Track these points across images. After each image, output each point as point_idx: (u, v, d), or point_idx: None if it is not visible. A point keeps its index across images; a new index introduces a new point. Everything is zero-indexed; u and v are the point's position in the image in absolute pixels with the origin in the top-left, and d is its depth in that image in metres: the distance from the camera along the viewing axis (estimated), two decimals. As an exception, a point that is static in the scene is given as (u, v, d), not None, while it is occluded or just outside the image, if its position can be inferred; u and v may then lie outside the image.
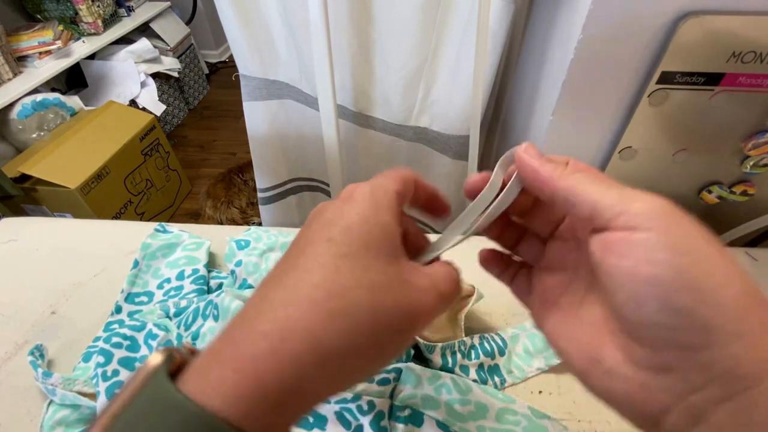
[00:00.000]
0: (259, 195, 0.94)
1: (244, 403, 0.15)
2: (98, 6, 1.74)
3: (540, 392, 0.39)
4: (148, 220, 1.55)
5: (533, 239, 0.23)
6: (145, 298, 0.45)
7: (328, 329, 0.16)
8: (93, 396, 0.35)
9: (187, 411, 0.14)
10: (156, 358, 0.16)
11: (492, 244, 0.25)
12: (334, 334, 0.16)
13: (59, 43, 1.59)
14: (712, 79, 0.41)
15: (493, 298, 0.45)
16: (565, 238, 0.22)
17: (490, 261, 0.25)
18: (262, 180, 0.91)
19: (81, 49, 1.67)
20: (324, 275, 0.17)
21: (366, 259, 0.17)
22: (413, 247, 0.24)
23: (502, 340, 0.42)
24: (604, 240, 0.16)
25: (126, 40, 1.85)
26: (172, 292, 0.45)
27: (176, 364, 0.16)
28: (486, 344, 0.41)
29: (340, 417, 0.32)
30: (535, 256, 0.23)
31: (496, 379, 0.39)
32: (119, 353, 0.36)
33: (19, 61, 1.53)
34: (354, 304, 0.16)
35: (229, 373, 0.15)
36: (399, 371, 0.34)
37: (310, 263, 0.17)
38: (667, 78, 0.42)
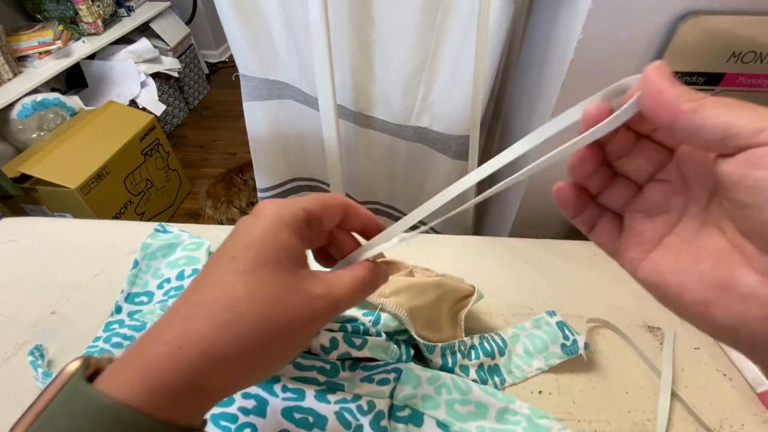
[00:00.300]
0: (259, 195, 0.94)
1: (149, 396, 0.18)
2: (98, 6, 1.74)
3: (540, 392, 0.39)
4: (148, 220, 1.55)
5: (625, 184, 0.22)
6: (145, 298, 0.45)
7: (219, 337, 0.19)
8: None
9: (100, 403, 0.17)
10: (74, 365, 0.19)
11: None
12: (224, 341, 0.19)
13: (59, 43, 1.59)
14: (712, 79, 0.41)
15: (493, 298, 0.45)
16: (668, 180, 0.20)
17: (567, 199, 0.23)
18: (262, 180, 0.91)
19: (81, 49, 1.67)
20: (221, 291, 0.20)
21: (262, 273, 0.20)
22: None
23: (502, 340, 0.42)
24: (746, 158, 0.16)
25: (126, 40, 1.85)
26: (172, 292, 0.45)
27: (92, 369, 0.19)
28: (486, 344, 0.41)
29: (339, 417, 0.32)
30: (626, 201, 0.22)
31: (496, 379, 0.39)
32: (119, 353, 0.36)
33: (19, 61, 1.53)
34: (244, 315, 0.19)
35: (135, 373, 0.18)
36: (399, 371, 0.34)
37: (211, 281, 0.21)
38: (667, 78, 0.42)
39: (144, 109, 1.79)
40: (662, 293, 0.19)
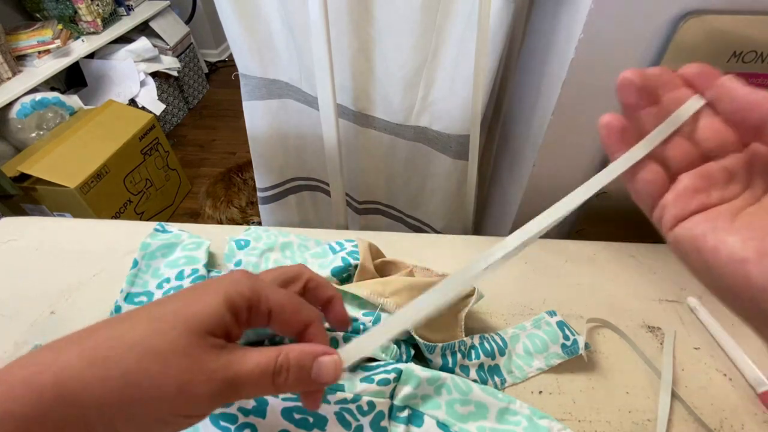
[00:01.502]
0: (259, 194, 0.94)
1: (12, 405, 0.17)
2: (97, 5, 1.73)
3: (540, 392, 0.39)
4: (148, 219, 1.55)
5: (684, 143, 0.21)
6: (144, 298, 0.45)
7: (82, 374, 0.18)
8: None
9: None
10: None
11: None
12: (87, 379, 0.18)
13: (58, 42, 1.59)
14: (713, 79, 0.41)
15: (493, 298, 0.45)
16: (731, 167, 0.20)
17: (613, 136, 0.22)
18: (261, 179, 0.91)
19: (80, 48, 1.66)
20: (115, 330, 0.20)
21: (168, 328, 0.20)
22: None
23: (502, 340, 0.42)
24: None
25: (125, 39, 1.85)
26: (172, 292, 0.45)
27: None
28: (486, 344, 0.41)
29: (339, 417, 0.32)
30: (683, 159, 0.21)
31: (497, 379, 0.39)
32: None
33: (19, 60, 1.53)
34: (114, 359, 0.18)
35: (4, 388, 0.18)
36: (399, 371, 0.34)
37: (123, 317, 0.21)
38: (667, 78, 0.42)
39: (143, 108, 1.79)
40: (695, 249, 0.19)
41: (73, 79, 1.87)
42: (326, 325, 0.27)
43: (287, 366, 0.21)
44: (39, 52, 1.54)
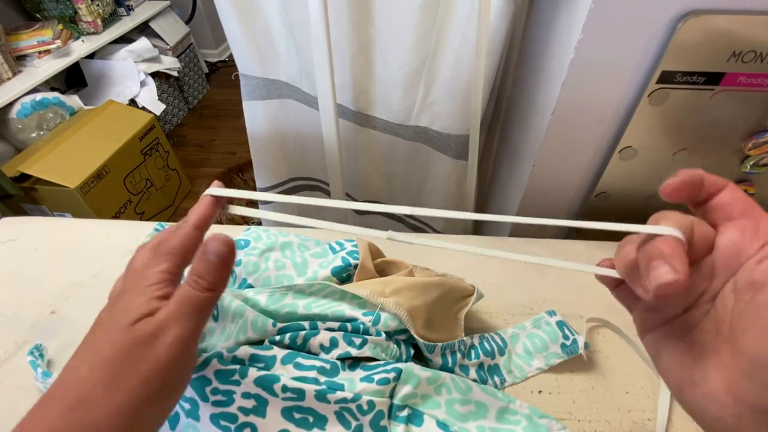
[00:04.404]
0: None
1: None
2: (98, 5, 1.74)
3: (540, 392, 0.39)
4: (148, 219, 1.55)
5: None
6: (144, 298, 0.45)
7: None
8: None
9: None
10: None
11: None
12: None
13: (59, 43, 1.59)
14: (713, 79, 0.41)
15: (493, 298, 0.45)
16: (698, 268, 0.20)
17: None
18: (261, 179, 0.91)
19: (80, 48, 1.66)
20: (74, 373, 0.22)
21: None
22: None
23: (502, 339, 0.42)
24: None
25: (125, 39, 1.85)
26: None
27: None
28: (486, 344, 0.41)
29: (339, 416, 0.32)
30: None
31: (496, 378, 0.39)
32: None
33: (19, 61, 1.53)
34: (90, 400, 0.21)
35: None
36: (399, 371, 0.34)
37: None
38: (667, 77, 0.42)
39: (143, 108, 1.79)
40: (656, 366, 0.22)
41: (73, 79, 1.87)
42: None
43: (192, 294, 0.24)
44: (39, 52, 1.54)
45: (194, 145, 2.04)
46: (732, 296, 0.18)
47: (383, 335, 0.35)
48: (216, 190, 0.27)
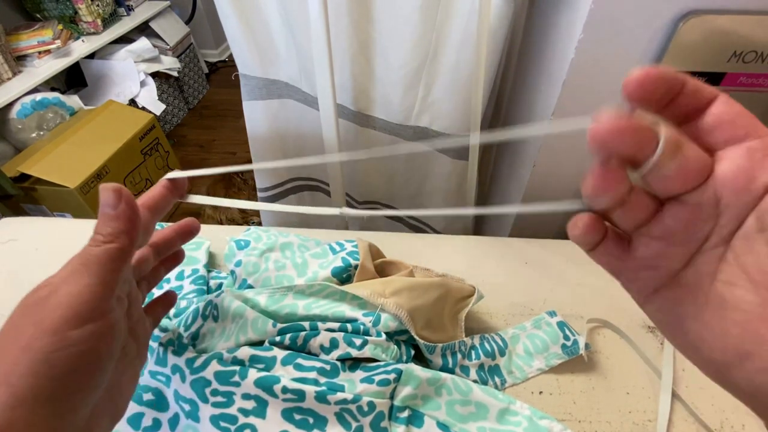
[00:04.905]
0: (259, 195, 0.94)
1: None
2: (98, 5, 1.73)
3: (540, 393, 0.39)
4: (148, 219, 1.55)
5: (640, 200, 0.17)
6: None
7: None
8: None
9: None
10: None
11: None
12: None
13: (59, 43, 1.59)
14: (713, 79, 0.41)
15: (493, 298, 0.45)
16: (696, 203, 0.16)
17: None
18: (261, 179, 0.91)
19: (80, 48, 1.66)
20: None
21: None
22: None
23: (502, 340, 0.41)
24: None
25: (125, 39, 1.85)
26: (172, 293, 0.45)
27: None
28: (486, 344, 0.41)
29: (339, 418, 0.32)
30: (641, 220, 0.17)
31: (497, 379, 0.39)
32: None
33: (19, 61, 1.53)
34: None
35: None
36: (399, 372, 0.34)
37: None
38: (667, 78, 0.42)
39: (143, 108, 1.79)
40: (673, 334, 0.17)
41: (73, 79, 1.87)
42: None
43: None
44: (39, 53, 1.54)
45: (194, 145, 2.04)
46: (761, 236, 0.15)
47: (383, 336, 0.35)
48: (173, 173, 0.28)
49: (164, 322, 0.41)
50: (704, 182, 0.15)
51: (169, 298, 0.33)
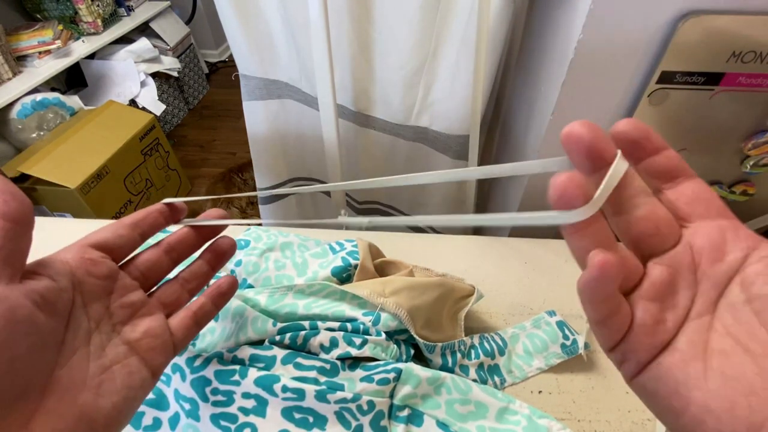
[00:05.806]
0: (259, 194, 0.94)
1: None
2: (98, 5, 1.74)
3: (540, 392, 0.39)
4: (148, 219, 1.55)
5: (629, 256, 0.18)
6: (144, 298, 0.45)
7: None
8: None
9: None
10: None
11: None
12: None
13: (59, 43, 1.59)
14: (712, 79, 0.41)
15: (493, 298, 0.45)
16: (674, 265, 0.17)
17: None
18: (261, 179, 0.91)
19: (81, 48, 1.66)
20: None
21: None
22: None
23: (502, 339, 0.42)
24: None
25: (126, 39, 1.85)
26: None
27: None
28: (486, 344, 0.41)
29: (339, 417, 0.32)
30: (632, 281, 0.18)
31: (496, 378, 0.39)
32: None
33: (19, 61, 1.53)
34: None
35: None
36: (399, 371, 0.34)
37: None
38: (667, 78, 0.42)
39: (144, 108, 1.79)
40: (670, 407, 0.16)
41: (73, 79, 1.87)
42: None
43: None
44: (39, 53, 1.54)
45: (194, 146, 2.04)
46: (748, 307, 0.15)
47: (383, 335, 0.35)
48: (169, 199, 0.29)
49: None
50: (677, 243, 0.17)
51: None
